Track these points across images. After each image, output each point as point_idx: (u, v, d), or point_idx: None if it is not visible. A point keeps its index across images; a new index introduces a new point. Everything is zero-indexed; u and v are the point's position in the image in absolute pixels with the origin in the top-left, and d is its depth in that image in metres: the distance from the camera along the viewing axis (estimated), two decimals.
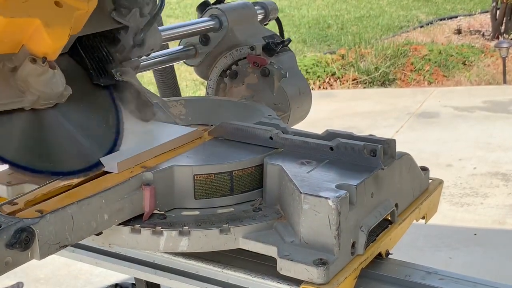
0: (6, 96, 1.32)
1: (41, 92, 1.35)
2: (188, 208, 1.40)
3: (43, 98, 1.37)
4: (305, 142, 1.50)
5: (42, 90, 1.35)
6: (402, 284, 1.33)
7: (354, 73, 8.42)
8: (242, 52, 2.07)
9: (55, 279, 3.84)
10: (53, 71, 1.35)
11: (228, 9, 2.12)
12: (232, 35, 2.11)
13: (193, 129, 1.61)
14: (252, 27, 2.19)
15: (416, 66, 8.62)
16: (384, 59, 8.64)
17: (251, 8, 2.22)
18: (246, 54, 2.06)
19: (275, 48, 2.07)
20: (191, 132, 1.59)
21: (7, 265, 1.11)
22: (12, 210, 1.22)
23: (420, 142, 5.80)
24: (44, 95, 1.36)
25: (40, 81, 1.33)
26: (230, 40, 2.10)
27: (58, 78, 1.37)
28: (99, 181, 1.37)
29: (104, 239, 1.35)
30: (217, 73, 2.11)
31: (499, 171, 5.18)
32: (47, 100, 1.38)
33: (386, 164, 1.41)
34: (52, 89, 1.37)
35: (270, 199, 1.42)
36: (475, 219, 4.43)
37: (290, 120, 2.07)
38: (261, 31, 2.20)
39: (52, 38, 1.30)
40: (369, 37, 10.32)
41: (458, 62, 8.89)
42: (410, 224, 1.52)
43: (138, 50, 1.62)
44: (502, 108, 6.78)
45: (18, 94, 1.34)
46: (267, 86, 2.03)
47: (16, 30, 1.27)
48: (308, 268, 1.20)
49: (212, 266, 1.38)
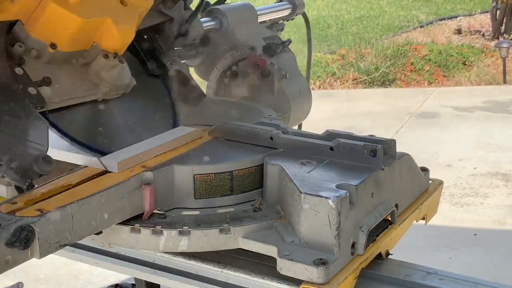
0: (83, 90, 1.48)
1: (112, 84, 1.51)
2: (188, 208, 1.40)
3: (114, 89, 1.52)
4: (305, 142, 1.50)
5: (113, 83, 1.50)
6: (402, 284, 1.33)
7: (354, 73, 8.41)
8: (242, 53, 2.07)
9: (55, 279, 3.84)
10: (122, 65, 1.50)
11: (228, 9, 2.12)
12: (232, 36, 2.11)
13: (193, 129, 1.61)
14: (252, 27, 2.19)
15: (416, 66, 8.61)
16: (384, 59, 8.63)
17: (252, 9, 2.22)
18: (247, 54, 2.06)
19: (276, 49, 2.08)
20: (192, 132, 1.60)
21: (7, 263, 1.11)
22: (12, 209, 1.22)
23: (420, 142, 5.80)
24: (114, 87, 1.52)
25: (112, 74, 1.48)
26: (231, 41, 2.11)
27: (126, 71, 1.53)
28: (99, 180, 1.37)
29: (104, 238, 1.35)
30: (218, 73, 2.11)
31: (499, 171, 5.18)
32: (117, 91, 1.54)
33: (386, 164, 1.41)
34: (121, 81, 1.52)
35: (270, 199, 1.42)
36: (475, 219, 4.43)
37: (291, 121, 2.07)
38: (261, 32, 2.20)
39: (122, 34, 1.45)
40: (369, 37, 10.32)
41: (458, 62, 8.89)
42: (410, 224, 1.51)
43: (182, 40, 1.78)
44: (502, 108, 6.77)
45: (92, 87, 1.49)
46: (267, 87, 2.03)
47: (90, 29, 1.41)
48: (308, 268, 1.20)
49: (212, 266, 1.38)
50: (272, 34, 2.23)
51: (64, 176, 1.37)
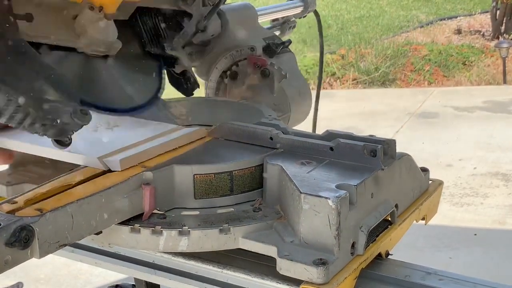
0: (65, 35, 1.48)
1: (94, 38, 1.50)
2: (188, 208, 1.40)
3: (96, 44, 1.51)
4: (305, 143, 1.50)
5: (96, 37, 1.49)
6: (401, 284, 1.33)
7: (354, 73, 8.42)
8: (242, 53, 2.07)
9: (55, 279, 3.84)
10: (106, 21, 1.48)
11: (228, 10, 2.12)
12: (232, 36, 2.11)
13: (193, 129, 1.61)
14: (252, 28, 2.19)
15: (416, 66, 8.62)
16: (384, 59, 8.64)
17: (252, 9, 2.22)
18: (247, 55, 2.06)
19: (276, 49, 2.08)
20: (192, 132, 1.59)
21: (6, 263, 1.10)
22: (12, 209, 1.22)
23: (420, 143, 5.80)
24: (96, 41, 1.51)
25: (95, 27, 1.47)
26: (231, 41, 2.11)
27: (111, 29, 1.52)
28: (99, 180, 1.37)
29: (103, 238, 1.35)
30: (217, 74, 2.11)
31: (499, 171, 5.18)
32: (99, 47, 1.53)
33: (386, 164, 1.41)
34: (104, 37, 1.51)
35: (270, 199, 1.42)
36: (475, 219, 4.43)
37: (291, 121, 2.07)
38: (261, 32, 2.21)
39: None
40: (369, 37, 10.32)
41: (458, 62, 8.89)
42: (410, 224, 1.52)
43: (200, 35, 1.80)
44: (502, 108, 6.78)
45: (74, 36, 1.49)
46: (267, 87, 2.03)
47: None
48: (307, 268, 1.20)
49: (211, 266, 1.38)
50: (272, 34, 2.23)
51: (64, 176, 1.37)
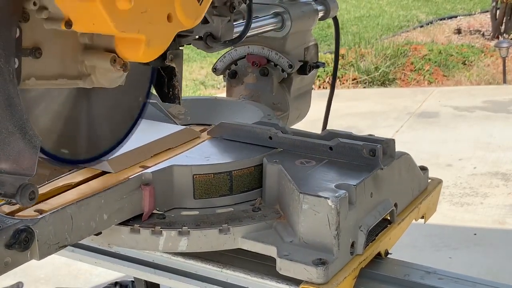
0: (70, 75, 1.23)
1: (101, 84, 1.28)
2: (187, 208, 1.40)
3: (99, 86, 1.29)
4: (305, 142, 1.50)
5: (103, 83, 1.28)
6: (401, 283, 1.33)
7: (354, 73, 8.41)
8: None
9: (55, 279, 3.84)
10: (123, 73, 1.28)
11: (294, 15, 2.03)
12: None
13: (192, 129, 1.61)
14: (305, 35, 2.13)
15: (416, 66, 8.61)
16: (384, 59, 8.63)
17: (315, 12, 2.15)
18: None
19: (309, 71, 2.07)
20: (191, 132, 1.59)
21: (6, 265, 1.11)
22: (12, 210, 1.22)
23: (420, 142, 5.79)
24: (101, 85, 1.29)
25: (107, 76, 1.27)
26: (282, 45, 2.04)
27: (123, 77, 1.31)
28: (99, 181, 1.37)
29: (103, 239, 1.35)
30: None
31: (499, 171, 5.17)
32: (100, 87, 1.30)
33: (385, 164, 1.41)
34: (112, 84, 1.30)
35: (269, 199, 1.42)
36: (475, 219, 4.42)
37: (289, 120, 2.07)
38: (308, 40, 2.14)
39: (147, 54, 1.21)
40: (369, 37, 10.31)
41: (458, 62, 8.88)
42: (409, 223, 1.52)
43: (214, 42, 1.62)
44: (502, 108, 6.76)
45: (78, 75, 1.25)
46: (266, 86, 2.03)
47: None
48: (307, 268, 1.20)
49: (211, 266, 1.38)
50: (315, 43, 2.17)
51: (63, 177, 1.37)
